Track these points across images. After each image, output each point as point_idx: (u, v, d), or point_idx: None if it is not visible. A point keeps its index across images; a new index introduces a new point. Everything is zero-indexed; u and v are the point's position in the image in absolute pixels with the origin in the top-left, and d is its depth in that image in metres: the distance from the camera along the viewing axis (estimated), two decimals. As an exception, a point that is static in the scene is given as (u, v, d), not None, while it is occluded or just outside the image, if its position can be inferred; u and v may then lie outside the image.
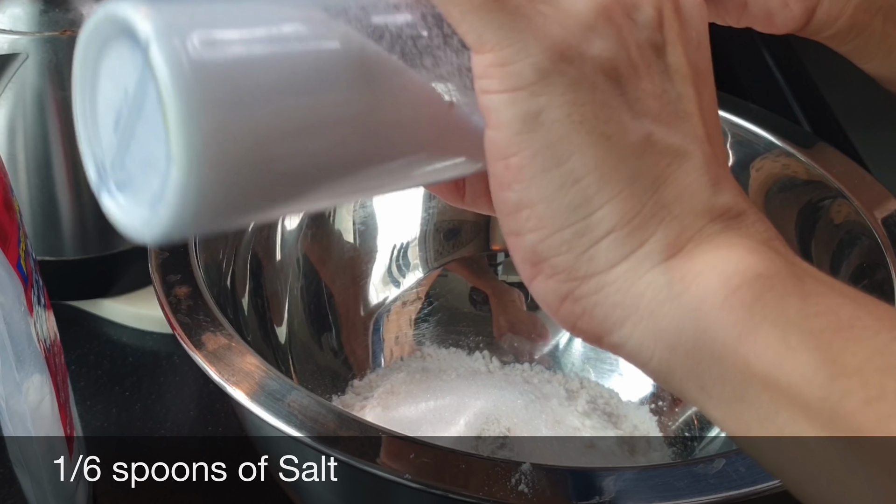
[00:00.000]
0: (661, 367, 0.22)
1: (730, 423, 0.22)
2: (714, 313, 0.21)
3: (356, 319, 0.59)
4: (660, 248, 0.22)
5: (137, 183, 0.22)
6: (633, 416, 0.56)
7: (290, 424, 0.36)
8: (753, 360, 0.20)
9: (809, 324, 0.20)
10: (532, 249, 0.22)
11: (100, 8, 0.22)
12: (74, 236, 0.60)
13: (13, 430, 0.41)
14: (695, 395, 0.22)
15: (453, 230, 0.62)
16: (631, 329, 0.22)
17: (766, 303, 0.21)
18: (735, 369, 0.21)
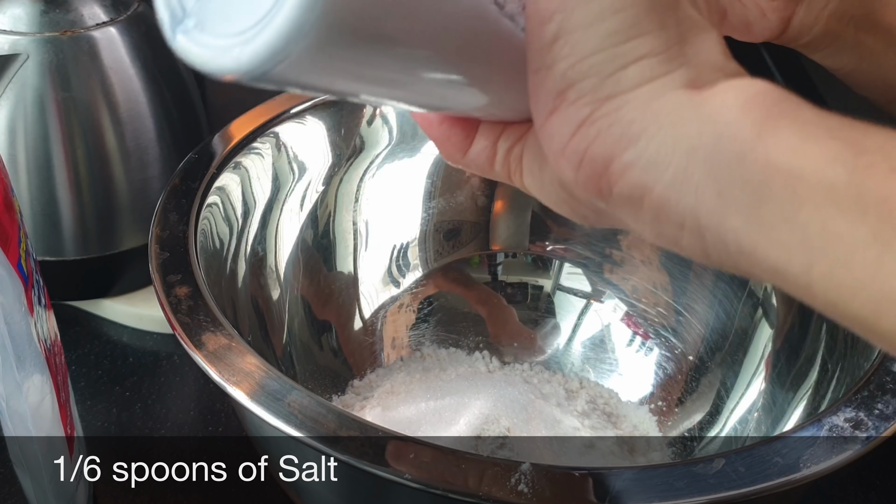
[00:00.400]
0: (676, 176, 0.22)
1: (751, 229, 0.21)
2: (734, 115, 0.21)
3: (356, 319, 0.59)
4: (682, 80, 0.23)
5: (223, 17, 0.21)
6: (632, 416, 0.56)
7: (290, 424, 0.36)
8: (774, 154, 0.21)
9: (827, 122, 0.21)
10: (562, 75, 0.23)
11: None
12: (74, 236, 0.60)
13: (13, 430, 0.41)
14: (712, 206, 0.22)
15: (453, 230, 0.62)
16: (647, 141, 0.22)
17: (783, 107, 0.21)
18: (755, 167, 0.21)
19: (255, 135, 0.54)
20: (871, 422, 0.38)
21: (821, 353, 0.49)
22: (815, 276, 0.20)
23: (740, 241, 0.21)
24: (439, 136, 0.30)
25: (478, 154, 0.30)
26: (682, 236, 0.23)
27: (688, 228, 0.23)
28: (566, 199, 0.27)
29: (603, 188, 0.24)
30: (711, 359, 0.56)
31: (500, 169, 0.30)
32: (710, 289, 0.57)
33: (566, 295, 0.61)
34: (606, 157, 0.23)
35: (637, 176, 0.23)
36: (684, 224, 0.23)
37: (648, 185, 0.23)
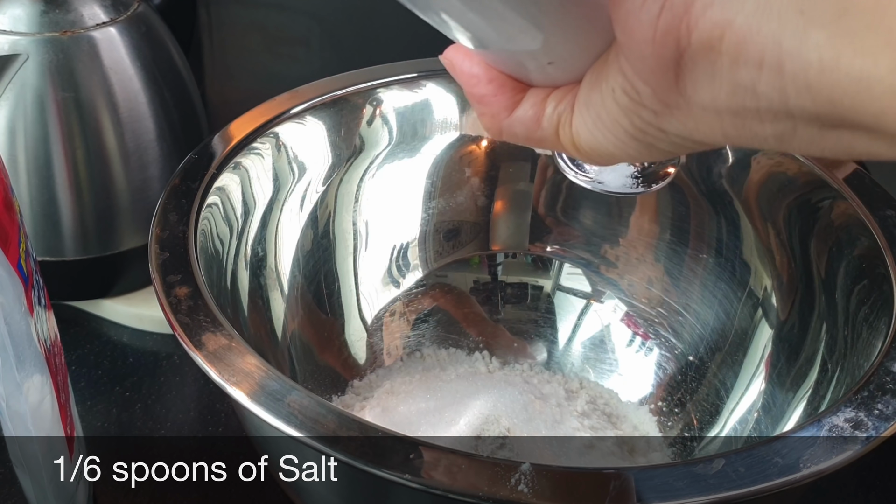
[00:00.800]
0: (759, 2, 0.22)
1: (835, 41, 0.21)
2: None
3: (356, 319, 0.59)
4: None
5: None
6: (632, 416, 0.56)
7: (290, 424, 0.36)
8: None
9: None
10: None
11: None
12: (74, 236, 0.60)
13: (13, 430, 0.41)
14: (794, 26, 0.21)
15: (453, 231, 0.62)
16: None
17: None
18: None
19: (255, 135, 0.54)
20: (870, 422, 0.38)
21: (821, 353, 0.49)
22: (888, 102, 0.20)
23: (823, 57, 0.21)
24: (487, 94, 0.30)
25: (525, 112, 0.29)
26: (759, 80, 0.23)
27: (767, 65, 0.22)
28: (626, 110, 0.26)
29: (682, 37, 0.23)
30: (711, 359, 0.56)
31: (548, 124, 0.29)
32: (710, 289, 0.57)
33: (566, 295, 0.61)
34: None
35: (718, 12, 0.23)
36: (763, 60, 0.22)
37: (729, 17, 0.22)
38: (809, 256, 0.52)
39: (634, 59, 0.25)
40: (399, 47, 0.79)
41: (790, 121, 0.23)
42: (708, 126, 0.25)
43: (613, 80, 0.26)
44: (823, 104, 0.22)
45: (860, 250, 0.49)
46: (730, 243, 0.57)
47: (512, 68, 0.30)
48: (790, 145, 0.24)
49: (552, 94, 0.29)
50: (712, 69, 0.23)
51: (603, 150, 0.28)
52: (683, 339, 0.57)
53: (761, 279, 0.55)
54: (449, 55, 0.31)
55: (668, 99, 0.25)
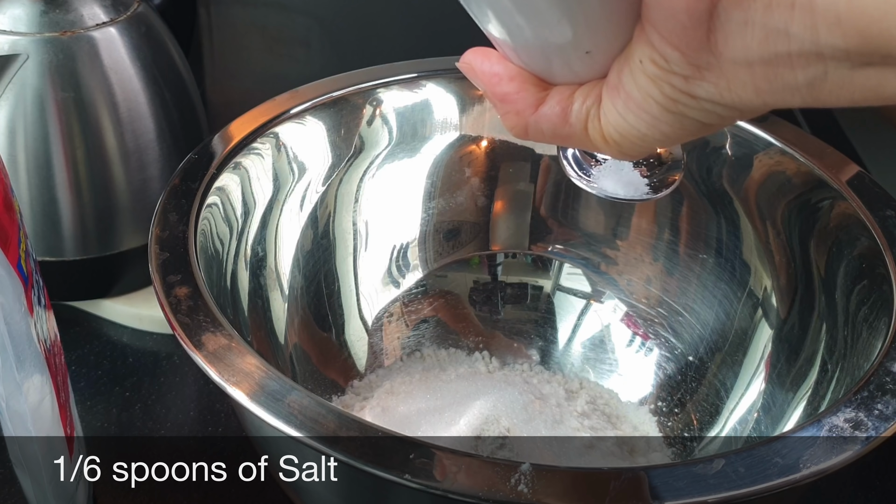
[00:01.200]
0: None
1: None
2: None
3: (356, 320, 0.59)
4: None
5: None
6: (632, 416, 0.56)
7: (290, 424, 0.36)
8: None
9: None
10: None
11: None
12: (74, 236, 0.60)
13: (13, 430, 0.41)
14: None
15: (453, 231, 0.62)
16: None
17: None
18: None
19: (255, 135, 0.54)
20: (870, 422, 0.38)
21: (821, 353, 0.49)
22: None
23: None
24: (510, 92, 0.30)
25: (551, 108, 0.29)
26: (791, 20, 0.23)
27: (799, 4, 0.22)
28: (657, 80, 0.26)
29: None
30: (711, 359, 0.56)
31: (576, 119, 0.29)
32: (710, 289, 0.57)
33: (566, 295, 0.61)
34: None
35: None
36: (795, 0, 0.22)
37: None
38: (809, 256, 0.52)
39: (665, 21, 0.25)
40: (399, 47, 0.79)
41: (821, 63, 0.23)
42: (740, 82, 0.25)
43: (640, 53, 0.26)
44: (853, 38, 0.22)
45: (860, 250, 0.49)
46: (730, 243, 0.57)
47: (538, 65, 0.30)
48: (821, 93, 0.24)
49: (578, 89, 0.29)
50: (745, 16, 0.23)
51: (635, 133, 0.28)
52: (683, 339, 0.57)
53: (761, 279, 0.55)
54: (467, 59, 0.31)
55: (698, 60, 0.25)
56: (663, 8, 0.25)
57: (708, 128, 0.28)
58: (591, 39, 0.27)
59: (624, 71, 0.27)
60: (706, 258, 0.57)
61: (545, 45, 0.28)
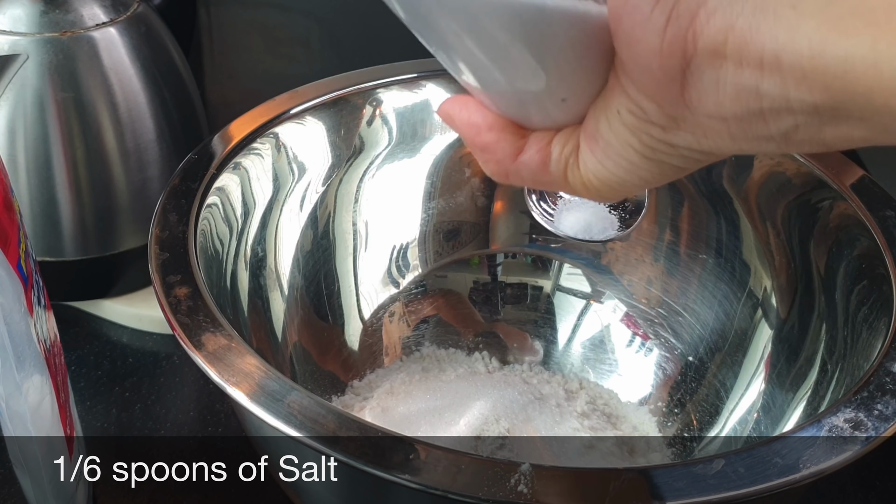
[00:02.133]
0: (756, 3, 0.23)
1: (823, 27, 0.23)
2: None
3: (356, 320, 0.59)
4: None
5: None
6: (632, 416, 0.56)
7: (290, 424, 0.36)
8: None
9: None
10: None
11: None
12: (74, 237, 0.60)
13: (13, 430, 0.41)
14: (788, 20, 0.23)
15: (453, 231, 0.62)
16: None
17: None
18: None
19: (255, 135, 0.54)
20: (870, 422, 0.38)
21: (820, 353, 0.49)
22: (882, 48, 0.22)
23: (812, 44, 0.23)
24: (489, 142, 0.30)
25: (531, 157, 0.30)
26: (761, 78, 0.24)
27: (767, 62, 0.24)
28: (635, 130, 0.27)
29: (688, 46, 0.25)
30: (711, 359, 0.56)
31: (556, 167, 0.30)
32: (709, 289, 0.57)
33: (566, 295, 0.61)
34: (693, 8, 0.24)
35: (720, 18, 0.24)
36: (763, 58, 0.24)
37: (731, 21, 0.24)
38: (809, 256, 0.52)
39: (639, 75, 0.26)
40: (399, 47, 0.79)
41: (792, 117, 0.24)
42: (715, 133, 0.26)
43: (618, 103, 0.27)
44: (819, 92, 0.23)
45: (860, 250, 0.49)
46: (729, 243, 0.57)
47: (514, 112, 0.30)
48: (794, 143, 0.25)
49: (556, 136, 0.30)
50: (717, 74, 0.25)
51: (615, 179, 0.28)
52: (683, 340, 0.57)
53: (761, 279, 0.55)
54: (445, 108, 0.31)
55: (674, 112, 0.26)
56: (638, 64, 0.26)
57: (685, 170, 0.28)
58: (567, 88, 0.28)
59: (601, 120, 0.28)
60: (706, 258, 0.57)
61: (521, 94, 0.29)
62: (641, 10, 0.25)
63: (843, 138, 0.25)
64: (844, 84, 0.23)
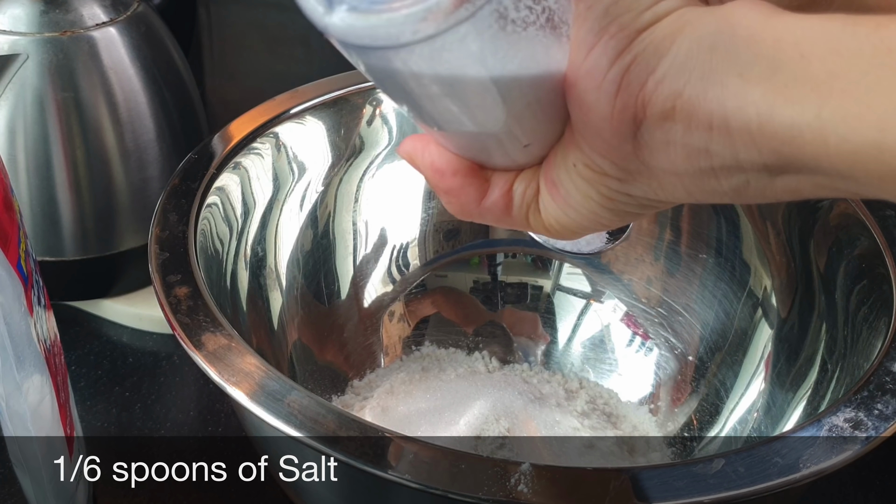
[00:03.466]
0: (703, 72, 0.24)
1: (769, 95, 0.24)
2: (744, 10, 0.24)
3: (356, 319, 0.59)
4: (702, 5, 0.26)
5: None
6: (632, 416, 0.56)
7: (290, 424, 0.36)
8: (781, 31, 0.24)
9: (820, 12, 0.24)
10: (605, 12, 0.25)
11: None
12: (74, 236, 0.60)
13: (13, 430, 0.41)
14: (734, 87, 0.24)
15: (453, 230, 0.62)
16: (676, 50, 0.25)
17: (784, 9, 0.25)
18: (767, 44, 0.24)
19: (255, 135, 0.54)
20: (870, 422, 0.38)
21: (821, 353, 0.49)
22: (826, 116, 0.23)
23: (760, 111, 0.24)
24: (454, 187, 0.31)
25: (494, 202, 0.31)
26: (711, 140, 0.25)
27: (716, 126, 0.25)
28: (592, 183, 0.28)
29: (638, 111, 0.25)
30: (711, 359, 0.56)
31: (517, 211, 0.30)
32: (710, 289, 0.57)
33: (566, 295, 0.61)
34: (642, 76, 0.25)
35: (668, 85, 0.25)
36: (712, 122, 0.24)
37: (679, 89, 0.25)
38: (809, 256, 0.52)
39: (591, 136, 0.27)
40: (399, 47, 0.79)
41: (743, 174, 0.25)
42: (671, 186, 0.27)
43: (574, 157, 0.28)
44: (768, 154, 0.24)
45: (860, 250, 0.49)
46: (730, 243, 0.57)
47: (475, 154, 0.30)
48: (746, 196, 0.26)
49: (517, 180, 0.30)
50: (667, 137, 0.26)
51: (575, 224, 0.30)
52: (683, 339, 0.57)
53: (761, 279, 0.55)
54: (406, 148, 0.32)
55: (628, 167, 0.27)
56: (590, 127, 0.27)
57: (645, 215, 0.30)
58: (531, 136, 0.29)
59: (560, 170, 0.29)
60: (706, 258, 0.57)
61: (484, 140, 0.29)
62: (594, 76, 0.26)
63: (794, 190, 0.25)
64: (792, 148, 0.24)
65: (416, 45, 0.23)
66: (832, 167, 0.23)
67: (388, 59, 0.24)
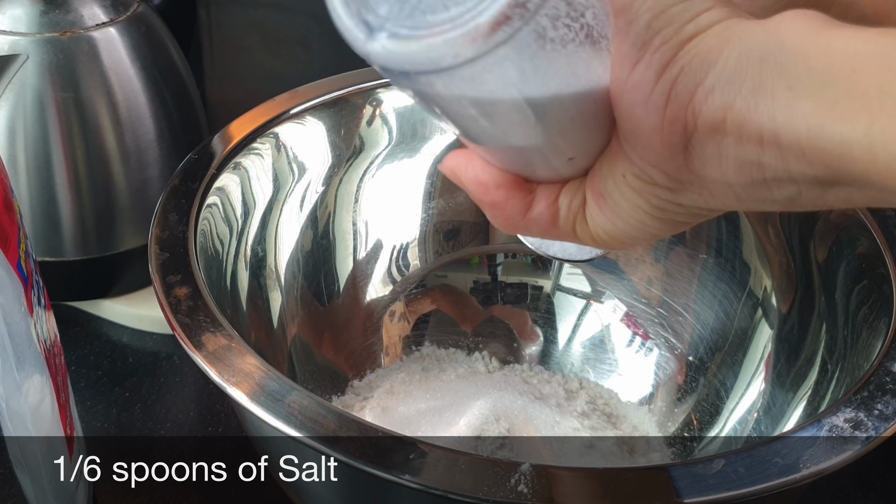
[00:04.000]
0: (753, 84, 0.24)
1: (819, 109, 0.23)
2: (794, 24, 0.24)
3: (356, 320, 0.59)
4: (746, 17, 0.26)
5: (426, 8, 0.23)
6: (632, 416, 0.56)
7: (290, 424, 0.36)
8: (832, 44, 0.24)
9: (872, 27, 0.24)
10: (647, 26, 0.25)
11: None
12: (74, 237, 0.60)
13: (13, 430, 0.41)
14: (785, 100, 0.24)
15: (453, 230, 0.62)
16: (724, 61, 0.25)
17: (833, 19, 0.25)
18: (817, 57, 0.24)
19: (255, 135, 0.54)
20: (870, 422, 0.38)
21: (821, 353, 0.49)
22: (876, 133, 0.23)
23: (810, 125, 0.24)
24: (498, 201, 0.31)
25: (539, 214, 0.30)
26: (762, 153, 0.25)
27: (766, 139, 0.24)
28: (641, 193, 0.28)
29: (689, 123, 0.25)
30: (711, 359, 0.56)
31: (564, 223, 0.30)
32: (710, 289, 0.57)
33: (566, 295, 0.61)
34: (691, 87, 0.25)
35: (718, 97, 0.25)
36: (762, 135, 0.24)
37: (729, 101, 0.25)
38: (809, 256, 0.52)
39: (641, 147, 0.27)
40: (399, 47, 0.79)
41: (794, 185, 0.25)
42: (722, 195, 0.27)
43: (623, 167, 0.28)
44: (819, 168, 0.24)
45: (860, 250, 0.49)
46: (730, 243, 0.57)
47: (520, 168, 0.30)
48: (798, 205, 0.26)
49: (562, 191, 0.30)
50: (718, 149, 0.25)
51: (623, 234, 0.29)
52: (683, 339, 0.57)
53: (761, 279, 0.55)
54: (450, 164, 0.32)
55: (679, 176, 0.27)
56: (640, 139, 0.26)
57: (693, 224, 0.30)
58: (575, 149, 0.29)
59: (608, 181, 0.29)
60: (706, 258, 0.57)
61: (528, 155, 0.29)
62: (642, 89, 0.26)
63: (846, 200, 0.26)
64: (842, 163, 0.24)
65: (457, 69, 0.23)
66: (882, 183, 0.23)
67: (429, 83, 0.25)
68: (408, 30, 0.23)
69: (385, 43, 0.24)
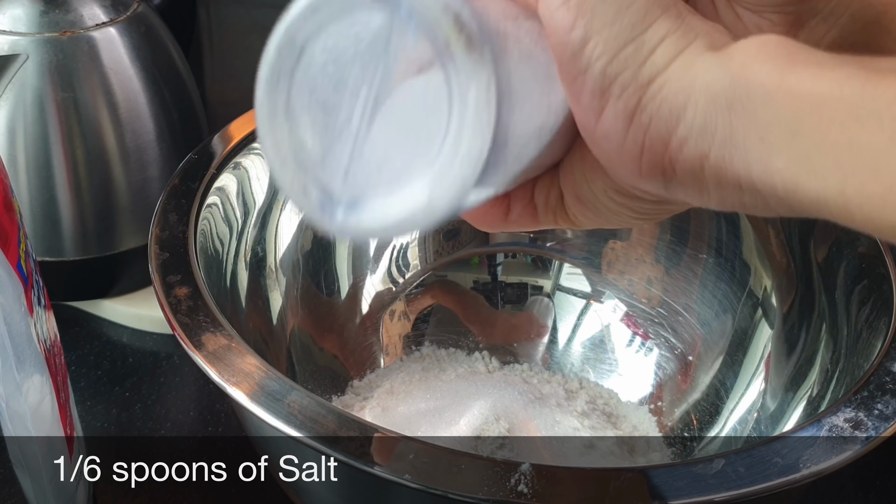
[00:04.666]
0: (725, 135, 0.24)
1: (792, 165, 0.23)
2: (758, 65, 0.24)
3: (356, 319, 0.59)
4: (703, 46, 0.25)
5: (383, 180, 0.23)
6: (632, 416, 0.56)
7: (290, 424, 0.36)
8: (797, 88, 0.23)
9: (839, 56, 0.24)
10: (602, 74, 0.25)
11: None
12: (74, 237, 0.60)
13: (13, 430, 0.41)
14: (758, 153, 0.24)
15: (453, 230, 0.62)
16: (693, 110, 0.24)
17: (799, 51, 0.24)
18: (784, 104, 0.23)
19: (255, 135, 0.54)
20: (870, 422, 0.38)
21: (821, 352, 0.49)
22: (850, 193, 0.22)
23: (784, 181, 0.23)
24: (476, 215, 0.32)
25: (519, 215, 0.31)
26: (743, 196, 0.25)
27: (745, 187, 0.24)
28: (624, 203, 0.28)
29: (667, 169, 0.25)
30: (711, 359, 0.56)
31: (544, 218, 0.31)
32: (710, 289, 0.57)
33: (566, 295, 0.61)
34: (664, 136, 0.25)
35: (693, 146, 0.24)
36: (741, 183, 0.24)
37: (704, 150, 0.24)
38: (809, 256, 0.52)
39: (622, 179, 0.27)
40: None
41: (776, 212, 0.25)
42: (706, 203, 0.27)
43: (605, 184, 0.28)
44: (799, 212, 0.24)
45: (860, 250, 0.49)
46: (730, 243, 0.57)
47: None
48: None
49: (536, 190, 0.31)
50: (699, 188, 0.26)
51: (610, 225, 0.30)
52: (683, 339, 0.57)
53: (761, 279, 0.55)
54: None
55: (662, 196, 0.27)
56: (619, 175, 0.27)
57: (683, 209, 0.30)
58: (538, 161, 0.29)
59: (584, 190, 0.29)
60: (706, 258, 0.57)
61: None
62: (613, 139, 0.26)
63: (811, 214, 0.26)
64: (822, 213, 0.23)
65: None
66: (861, 230, 0.23)
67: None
68: (360, 189, 0.23)
69: (343, 218, 0.24)
